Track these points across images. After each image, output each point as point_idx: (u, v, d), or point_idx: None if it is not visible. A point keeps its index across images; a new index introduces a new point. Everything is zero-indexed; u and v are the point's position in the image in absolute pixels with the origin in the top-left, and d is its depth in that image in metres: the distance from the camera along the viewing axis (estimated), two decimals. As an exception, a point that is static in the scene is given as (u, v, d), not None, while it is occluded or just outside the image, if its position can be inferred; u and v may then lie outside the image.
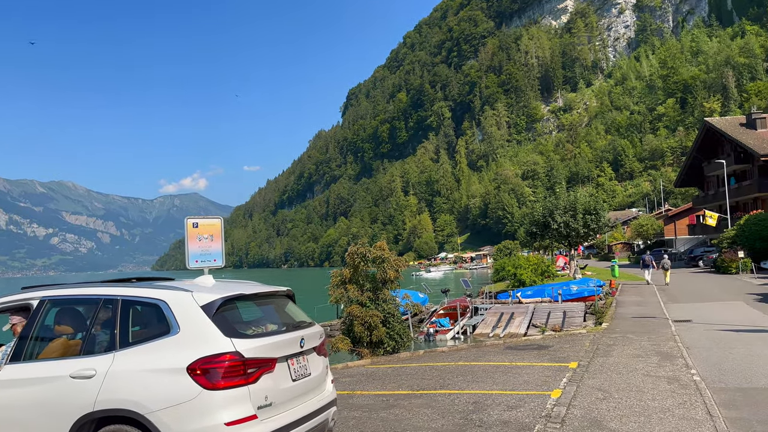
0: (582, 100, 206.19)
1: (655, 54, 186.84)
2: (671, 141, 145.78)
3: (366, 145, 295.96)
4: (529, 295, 30.09)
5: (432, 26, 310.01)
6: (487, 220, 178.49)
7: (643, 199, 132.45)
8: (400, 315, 13.52)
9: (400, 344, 13.13)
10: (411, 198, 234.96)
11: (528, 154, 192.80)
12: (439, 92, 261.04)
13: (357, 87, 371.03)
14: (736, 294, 23.00)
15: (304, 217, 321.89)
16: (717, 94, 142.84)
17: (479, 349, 13.20)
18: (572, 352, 11.76)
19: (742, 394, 7.74)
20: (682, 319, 16.66)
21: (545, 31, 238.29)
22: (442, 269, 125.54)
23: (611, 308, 21.16)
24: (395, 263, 13.18)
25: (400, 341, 13.08)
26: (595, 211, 38.60)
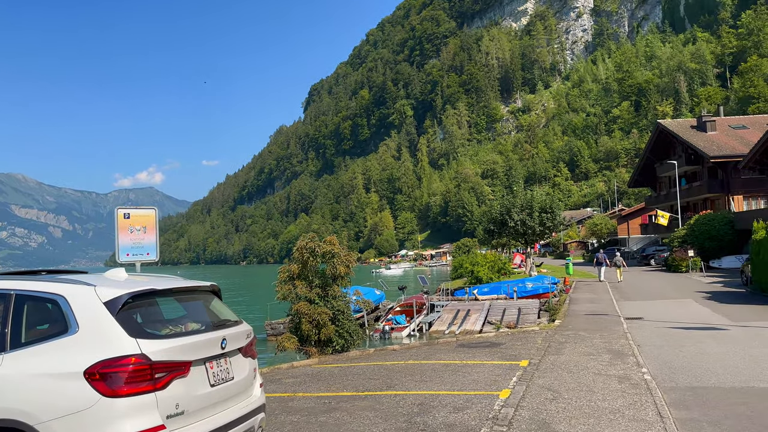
0: (540, 102, 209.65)
1: (611, 58, 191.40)
2: (625, 143, 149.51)
3: (328, 142, 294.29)
4: (485, 293, 30.11)
5: (395, 24, 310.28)
6: (448, 218, 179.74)
7: (598, 199, 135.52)
8: (350, 312, 13.03)
9: (349, 342, 12.67)
10: (372, 195, 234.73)
11: (488, 154, 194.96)
12: (402, 90, 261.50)
13: (319, 83, 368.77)
14: (686, 292, 23.40)
15: (263, 213, 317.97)
16: (669, 98, 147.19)
17: (431, 347, 12.87)
18: (524, 350, 11.54)
19: (692, 394, 7.58)
20: (633, 316, 16.72)
21: (506, 32, 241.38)
22: (402, 266, 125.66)
23: (565, 305, 21.21)
24: (346, 259, 12.69)
25: (350, 339, 12.62)
26: (550, 210, 38.93)
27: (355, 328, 12.80)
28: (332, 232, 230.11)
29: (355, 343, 13.02)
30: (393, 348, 12.87)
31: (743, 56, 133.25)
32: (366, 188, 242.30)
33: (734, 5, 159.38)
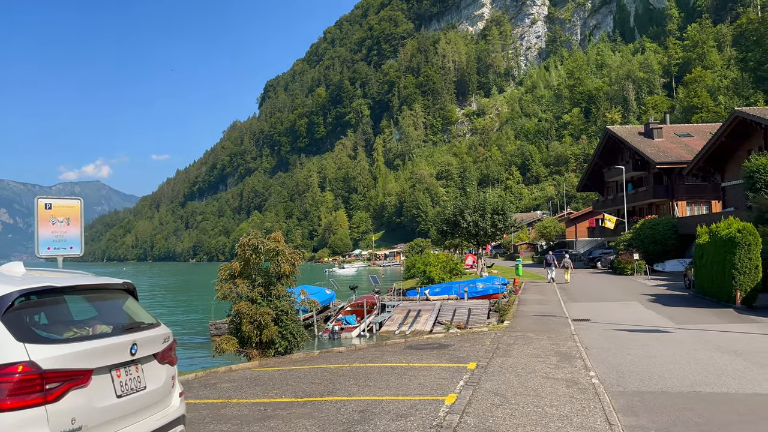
0: (494, 106, 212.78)
1: (564, 65, 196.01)
2: (575, 148, 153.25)
3: (283, 139, 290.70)
4: (437, 293, 30.01)
5: (353, 23, 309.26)
6: (402, 218, 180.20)
7: (548, 202, 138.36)
8: (295, 313, 12.47)
9: (293, 344, 12.12)
10: (327, 194, 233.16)
11: (443, 155, 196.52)
12: (359, 89, 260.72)
13: (275, 79, 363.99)
14: (632, 294, 23.81)
15: (215, 210, 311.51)
16: (618, 105, 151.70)
17: (378, 349, 12.48)
18: (472, 352, 11.29)
19: (640, 399, 7.44)
20: (581, 318, 16.79)
21: (462, 36, 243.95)
22: (355, 266, 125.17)
23: (514, 306, 21.23)
24: (291, 256, 12.13)
25: (293, 341, 12.07)
26: (502, 212, 39.29)
27: (299, 329, 12.25)
28: (286, 231, 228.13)
29: (299, 345, 12.48)
30: (339, 350, 12.43)
31: (688, 67, 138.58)
32: (321, 187, 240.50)
33: (681, 18, 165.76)
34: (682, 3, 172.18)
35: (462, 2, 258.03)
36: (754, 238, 16.77)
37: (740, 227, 17.17)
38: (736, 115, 34.07)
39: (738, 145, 35.92)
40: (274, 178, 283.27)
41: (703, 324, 14.37)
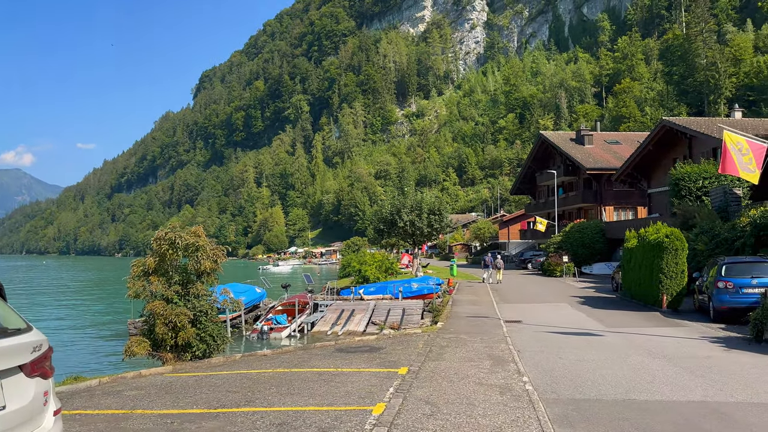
0: (433, 108, 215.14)
1: (500, 71, 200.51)
2: (509, 153, 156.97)
3: (218, 132, 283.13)
4: (371, 292, 29.57)
5: (294, 17, 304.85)
6: (340, 217, 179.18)
7: (482, 204, 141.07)
8: (215, 313, 11.57)
9: (212, 347, 11.25)
10: (264, 190, 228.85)
11: (382, 155, 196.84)
12: (298, 85, 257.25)
13: (212, 70, 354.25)
14: (562, 296, 24.14)
15: (144, 203, 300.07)
16: (551, 112, 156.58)
17: (306, 352, 11.81)
18: (404, 356, 10.81)
19: (575, 408, 7.14)
20: (513, 319, 16.71)
21: (403, 37, 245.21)
22: (290, 263, 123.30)
23: (448, 307, 21.04)
24: (212, 253, 11.24)
25: (212, 344, 11.20)
26: (438, 212, 39.33)
27: (219, 331, 11.38)
28: (219, 226, 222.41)
29: (220, 348, 11.61)
30: (263, 353, 11.66)
31: (618, 78, 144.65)
32: (257, 182, 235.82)
33: (612, 31, 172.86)
34: (613, 16, 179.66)
35: (404, 3, 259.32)
36: (681, 243, 17.20)
37: (668, 232, 17.58)
38: (663, 125, 35.44)
39: (664, 153, 37.42)
40: (207, 171, 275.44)
41: (632, 327, 14.52)
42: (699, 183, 27.45)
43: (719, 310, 14.95)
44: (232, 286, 25.37)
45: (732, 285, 14.64)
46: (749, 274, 14.71)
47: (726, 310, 14.81)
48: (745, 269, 14.94)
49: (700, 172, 27.60)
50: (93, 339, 24.34)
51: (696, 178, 27.59)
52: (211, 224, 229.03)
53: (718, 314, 15.07)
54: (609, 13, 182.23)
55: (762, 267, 14.85)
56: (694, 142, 34.26)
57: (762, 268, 14.82)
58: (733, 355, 10.47)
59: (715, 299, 15.06)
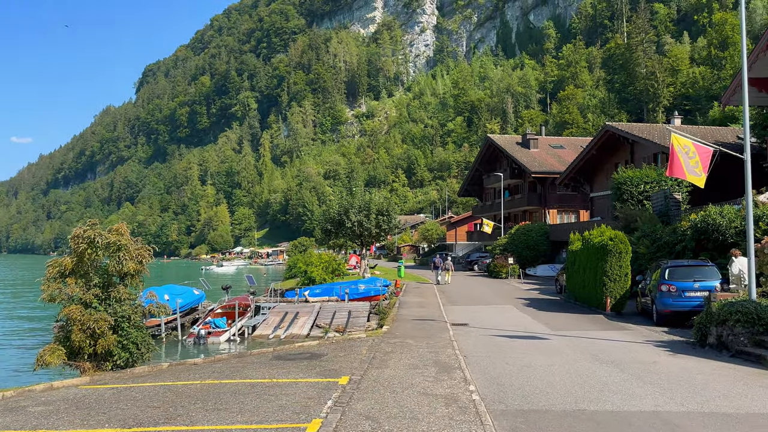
0: (383, 109, 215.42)
1: (449, 74, 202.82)
2: (457, 155, 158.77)
3: (161, 127, 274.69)
4: (317, 294, 28.83)
5: (242, 13, 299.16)
6: (288, 217, 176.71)
7: (431, 206, 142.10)
8: (139, 318, 10.61)
9: (136, 356, 10.31)
10: (209, 188, 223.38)
11: (331, 155, 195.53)
12: (246, 81, 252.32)
13: (155, 64, 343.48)
14: (507, 298, 24.10)
15: (82, 200, 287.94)
16: (498, 117, 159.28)
17: (241, 360, 11.04)
18: (346, 363, 10.22)
19: (524, 420, 6.73)
20: (459, 322, 16.40)
21: (354, 37, 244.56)
22: (235, 264, 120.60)
23: (394, 309, 20.59)
24: (137, 253, 10.30)
25: (136, 352, 10.27)
26: (387, 213, 38.95)
27: (144, 338, 10.43)
28: (160, 225, 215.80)
29: (145, 357, 10.66)
30: (194, 362, 10.82)
31: (562, 85, 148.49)
32: (202, 180, 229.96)
33: (557, 38, 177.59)
34: (558, 24, 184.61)
35: (354, 4, 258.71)
36: (625, 247, 17.30)
37: (612, 235, 17.67)
38: (606, 129, 36.20)
39: (607, 158, 38.23)
40: (149, 168, 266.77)
41: (577, 330, 14.41)
42: (641, 187, 28.02)
43: (662, 313, 15.05)
44: (167, 288, 24.18)
45: (675, 288, 14.76)
46: (691, 278, 14.87)
47: (669, 314, 14.91)
48: (687, 273, 15.09)
49: (641, 176, 28.18)
50: (11, 347, 22.55)
51: (638, 182, 28.16)
52: (152, 223, 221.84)
53: (661, 317, 15.17)
54: (555, 21, 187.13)
55: (704, 270, 15.04)
56: (636, 147, 35.11)
57: (704, 271, 15.01)
58: (678, 360, 10.38)
59: (658, 302, 15.16)
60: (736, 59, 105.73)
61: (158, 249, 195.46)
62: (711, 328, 11.26)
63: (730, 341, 10.57)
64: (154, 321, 21.78)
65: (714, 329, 11.15)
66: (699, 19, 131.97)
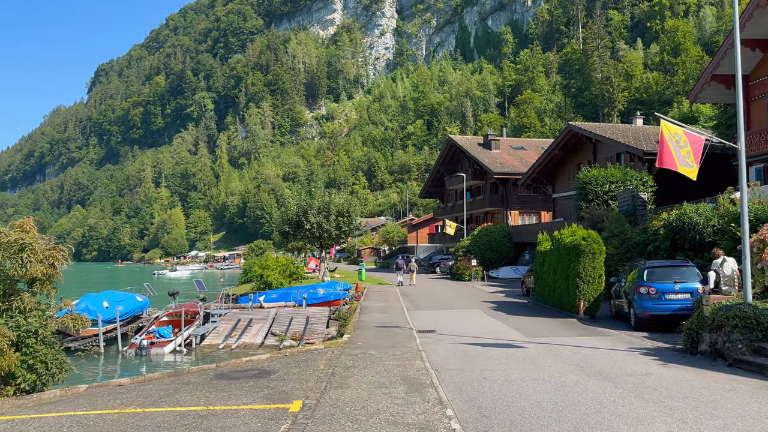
0: (343, 111, 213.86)
1: (409, 78, 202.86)
2: (417, 158, 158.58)
3: (114, 128, 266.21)
4: (273, 299, 27.20)
5: (198, 12, 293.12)
6: (245, 219, 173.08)
7: (391, 208, 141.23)
8: (50, 333, 8.80)
9: (45, 378, 8.58)
10: (163, 190, 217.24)
11: (290, 157, 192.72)
12: (202, 82, 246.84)
13: (108, 63, 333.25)
14: (474, 301, 23.01)
15: (30, 203, 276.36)
16: (457, 120, 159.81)
17: (177, 379, 9.46)
18: (300, 382, 8.79)
19: (520, 459, 5.47)
20: (426, 329, 15.15)
21: (313, 39, 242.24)
22: (189, 268, 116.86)
23: (356, 315, 19.22)
24: (47, 254, 8.60)
25: (45, 373, 8.53)
26: (347, 214, 37.53)
27: (56, 355, 8.68)
28: (112, 228, 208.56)
29: (57, 378, 8.90)
30: (119, 383, 9.19)
31: (520, 89, 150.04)
32: (156, 182, 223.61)
33: (515, 43, 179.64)
34: (516, 29, 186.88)
35: (314, 5, 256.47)
36: (598, 247, 16.39)
37: (585, 235, 16.74)
38: (569, 130, 35.72)
39: (570, 158, 37.80)
40: (101, 170, 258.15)
41: (554, 337, 13.33)
42: (606, 187, 27.43)
43: (641, 317, 14.13)
44: (106, 295, 22.19)
45: (654, 290, 13.85)
46: (671, 279, 14.00)
47: (648, 318, 14.00)
48: (667, 273, 14.22)
49: (607, 176, 27.61)
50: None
51: (603, 182, 27.57)
52: (104, 226, 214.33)
53: (639, 321, 14.25)
54: (512, 26, 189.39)
55: (684, 271, 14.19)
56: (599, 147, 34.74)
57: (684, 272, 14.16)
58: (673, 372, 9.34)
59: (636, 306, 14.23)
60: (689, 65, 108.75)
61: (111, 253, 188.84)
62: (703, 334, 10.30)
63: (727, 349, 9.61)
64: (92, 330, 19.82)
65: (707, 336, 10.19)
66: (652, 26, 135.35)
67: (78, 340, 19.46)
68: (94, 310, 19.83)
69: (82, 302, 20.14)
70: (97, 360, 18.95)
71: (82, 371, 17.96)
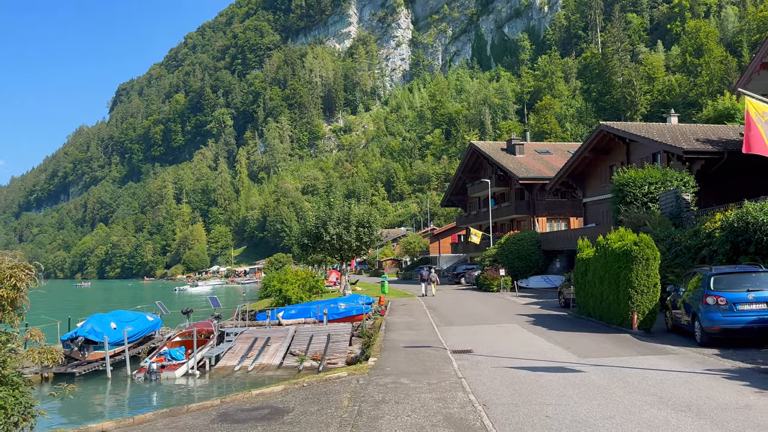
0: (361, 123, 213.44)
1: (426, 87, 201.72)
2: (436, 167, 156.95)
3: (135, 146, 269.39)
4: (292, 315, 25.71)
5: (216, 30, 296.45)
6: (265, 233, 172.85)
7: (411, 219, 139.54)
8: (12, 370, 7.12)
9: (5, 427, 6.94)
10: (184, 206, 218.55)
11: (309, 170, 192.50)
12: (221, 98, 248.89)
13: (129, 82, 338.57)
14: (507, 315, 21.26)
15: (55, 222, 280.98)
16: (476, 128, 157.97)
17: (172, 421, 7.94)
18: (319, 427, 7.20)
19: None
20: (461, 348, 13.49)
21: (329, 52, 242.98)
22: (210, 283, 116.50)
23: (381, 332, 17.61)
24: (7, 273, 7.09)
25: (5, 422, 6.90)
26: (368, 224, 35.94)
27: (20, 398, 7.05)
28: (135, 245, 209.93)
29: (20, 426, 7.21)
30: (100, 428, 7.72)
31: (539, 95, 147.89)
32: (177, 198, 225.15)
33: (532, 50, 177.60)
34: (533, 36, 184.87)
35: (330, 19, 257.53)
36: (652, 252, 14.60)
37: (636, 239, 14.97)
38: (600, 130, 33.84)
39: (601, 160, 35.90)
40: (123, 188, 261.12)
41: (610, 357, 11.59)
42: (645, 189, 25.53)
43: (709, 331, 12.30)
44: (114, 315, 20.91)
45: (725, 301, 12.04)
46: (743, 287, 12.17)
47: (717, 332, 12.18)
48: (737, 281, 12.39)
49: (645, 176, 25.71)
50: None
51: (641, 183, 25.67)
52: (126, 243, 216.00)
53: (707, 336, 12.42)
54: (529, 33, 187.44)
55: (758, 278, 12.34)
56: (633, 147, 32.79)
57: (758, 278, 12.31)
58: (778, 403, 7.59)
59: (703, 318, 12.41)
60: (712, 66, 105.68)
61: (134, 270, 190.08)
62: (807, 354, 8.53)
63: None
64: (98, 354, 18.49)
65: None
66: (672, 28, 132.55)
67: (84, 364, 18.14)
68: (100, 331, 18.50)
69: (88, 323, 18.84)
70: (104, 386, 17.61)
71: (88, 399, 16.62)
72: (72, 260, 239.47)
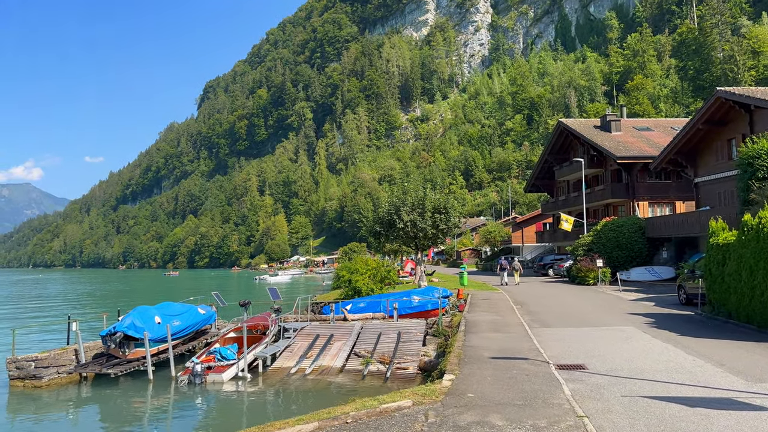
0: (438, 112, 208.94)
1: (506, 72, 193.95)
2: (517, 155, 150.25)
3: (222, 141, 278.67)
4: (360, 309, 23.02)
5: (296, 25, 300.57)
6: (343, 224, 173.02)
7: (491, 208, 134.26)
8: None
9: None
10: (267, 198, 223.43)
11: (386, 160, 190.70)
12: (301, 92, 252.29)
13: (215, 80, 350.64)
14: (615, 314, 17.46)
15: (148, 214, 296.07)
16: (560, 112, 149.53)
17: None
18: None
19: None
20: (568, 362, 10.13)
21: (406, 41, 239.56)
22: (290, 273, 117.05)
23: (460, 336, 14.39)
24: None
25: None
26: (445, 210, 32.61)
27: None
28: (222, 236, 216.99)
29: None
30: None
31: (629, 75, 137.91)
32: (260, 191, 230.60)
33: (621, 29, 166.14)
34: (621, 14, 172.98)
35: (407, 8, 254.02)
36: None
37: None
38: (717, 96, 28.68)
39: (716, 133, 30.67)
40: (211, 181, 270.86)
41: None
42: (784, 160, 20.81)
43: None
44: (161, 307, 18.90)
45: None
46: None
47: None
48: None
49: (784, 146, 20.97)
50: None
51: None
52: (214, 234, 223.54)
53: None
54: (617, 11, 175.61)
55: None
56: (758, 115, 27.54)
57: None
58: None
59: None
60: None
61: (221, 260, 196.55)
62: None
63: None
64: (140, 352, 16.50)
65: None
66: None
67: (123, 364, 16.16)
68: (141, 326, 16.41)
69: (128, 317, 16.85)
70: (146, 389, 15.57)
71: (128, 404, 14.61)
72: (164, 250, 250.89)
